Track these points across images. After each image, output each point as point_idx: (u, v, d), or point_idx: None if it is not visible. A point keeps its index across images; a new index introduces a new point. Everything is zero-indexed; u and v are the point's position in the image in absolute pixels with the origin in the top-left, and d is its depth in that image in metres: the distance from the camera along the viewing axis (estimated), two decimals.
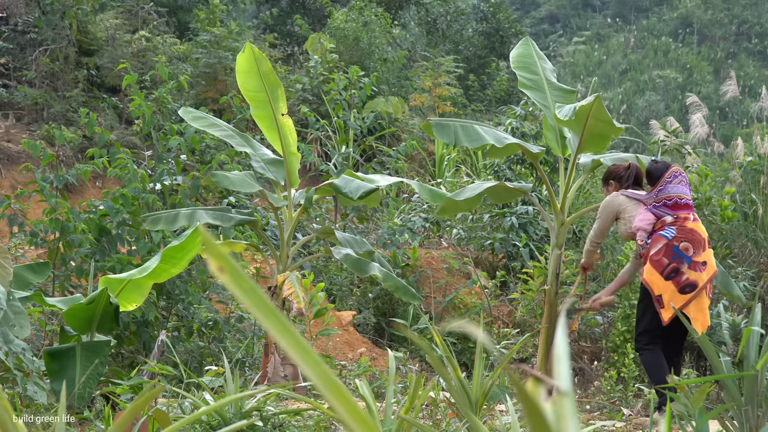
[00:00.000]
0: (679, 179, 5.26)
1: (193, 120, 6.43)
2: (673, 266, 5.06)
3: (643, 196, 5.35)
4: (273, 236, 9.00)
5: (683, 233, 5.11)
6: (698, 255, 5.09)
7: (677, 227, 5.13)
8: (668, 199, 5.21)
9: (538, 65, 6.16)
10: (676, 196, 5.21)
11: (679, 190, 5.23)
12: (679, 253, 5.07)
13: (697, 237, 5.13)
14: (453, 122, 5.60)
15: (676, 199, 5.20)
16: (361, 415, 0.85)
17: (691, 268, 5.05)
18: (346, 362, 6.71)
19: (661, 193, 5.24)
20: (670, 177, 5.24)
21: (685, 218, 5.16)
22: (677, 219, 5.16)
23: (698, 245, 5.11)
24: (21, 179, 12.68)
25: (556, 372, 0.89)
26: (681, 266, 5.05)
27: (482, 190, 5.78)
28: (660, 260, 5.09)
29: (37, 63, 14.65)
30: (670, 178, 5.24)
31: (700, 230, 5.17)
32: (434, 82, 18.12)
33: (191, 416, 1.87)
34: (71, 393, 4.23)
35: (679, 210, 5.19)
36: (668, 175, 5.25)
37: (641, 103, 41.14)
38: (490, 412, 3.88)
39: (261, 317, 0.85)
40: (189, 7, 20.12)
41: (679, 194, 5.22)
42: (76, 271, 6.83)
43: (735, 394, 3.36)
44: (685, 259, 5.07)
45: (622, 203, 5.41)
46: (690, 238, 5.10)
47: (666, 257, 5.08)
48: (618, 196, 5.45)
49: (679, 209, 5.19)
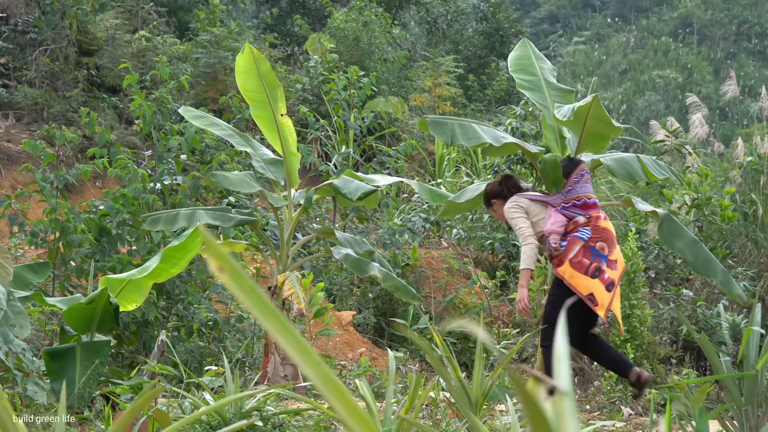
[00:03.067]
0: (585, 178, 5.26)
1: (194, 119, 6.43)
2: (594, 265, 5.07)
3: (549, 198, 5.30)
4: (273, 236, 9.00)
5: (598, 233, 5.12)
6: (612, 254, 5.12)
7: (591, 227, 5.14)
8: (577, 200, 5.20)
9: (536, 66, 6.15)
10: (584, 196, 5.21)
11: (586, 189, 5.24)
12: (597, 253, 5.09)
13: (610, 236, 5.16)
14: (450, 120, 5.58)
15: (585, 200, 5.20)
16: (361, 415, 0.85)
17: (609, 267, 5.09)
18: (346, 362, 6.71)
19: (570, 193, 5.22)
20: (577, 177, 5.23)
21: (597, 217, 5.17)
22: (590, 219, 5.16)
23: (611, 243, 5.14)
24: (21, 179, 12.68)
25: (556, 372, 0.89)
26: (601, 265, 5.07)
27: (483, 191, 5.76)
28: (581, 261, 5.08)
29: (37, 63, 14.65)
30: (577, 177, 5.23)
31: (611, 228, 5.21)
32: (434, 82, 18.12)
33: (191, 416, 1.87)
34: (71, 393, 4.23)
35: (590, 210, 5.19)
36: (575, 175, 5.23)
37: (641, 103, 41.12)
38: (490, 412, 3.88)
39: (261, 317, 0.85)
40: (189, 7, 20.11)
41: (587, 194, 5.22)
42: (76, 271, 6.83)
43: (735, 394, 3.36)
44: (603, 258, 5.09)
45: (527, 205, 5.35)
46: (604, 237, 5.13)
47: (585, 258, 5.08)
48: (519, 198, 5.35)
49: (590, 209, 5.19)
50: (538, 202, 5.32)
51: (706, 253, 5.58)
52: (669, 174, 5.95)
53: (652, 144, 12.05)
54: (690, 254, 5.51)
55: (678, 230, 5.60)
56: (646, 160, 5.82)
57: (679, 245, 5.55)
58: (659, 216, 5.63)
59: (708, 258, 5.54)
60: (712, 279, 5.63)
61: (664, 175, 5.86)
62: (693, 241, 5.57)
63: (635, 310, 7.25)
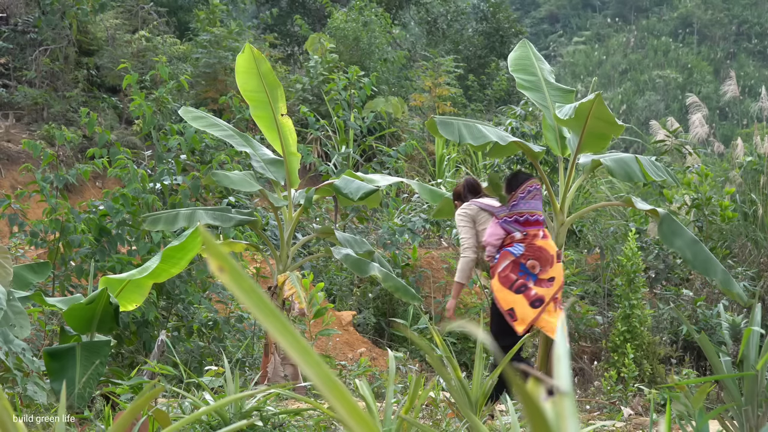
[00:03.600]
0: (533, 194, 5.34)
1: (194, 120, 6.42)
2: (520, 282, 5.15)
3: (495, 209, 5.41)
4: (273, 236, 9.00)
5: (531, 251, 5.20)
6: (544, 272, 5.18)
7: (526, 244, 5.22)
8: (520, 215, 5.29)
9: (536, 66, 6.16)
10: (527, 212, 5.29)
11: (531, 206, 5.31)
12: (525, 271, 5.17)
13: (545, 254, 5.21)
14: (456, 120, 5.62)
15: (528, 216, 5.29)
16: (361, 415, 0.85)
17: (538, 285, 5.14)
18: (346, 362, 6.71)
19: (514, 208, 5.31)
20: (524, 192, 5.33)
21: (534, 235, 5.24)
22: (526, 236, 5.24)
23: (545, 262, 5.19)
24: (21, 179, 12.68)
25: (556, 372, 0.89)
26: (527, 282, 5.14)
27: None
28: (507, 276, 5.17)
29: (37, 63, 14.65)
30: (524, 193, 5.33)
31: (549, 247, 5.25)
32: (434, 82, 18.12)
33: (191, 416, 1.87)
34: (71, 393, 4.23)
35: (530, 227, 5.27)
36: (522, 191, 5.33)
37: (641, 103, 41.12)
38: (490, 412, 3.88)
39: (261, 317, 0.85)
40: (189, 7, 20.11)
41: (531, 210, 5.30)
42: (76, 271, 6.82)
43: (735, 394, 3.36)
44: (531, 277, 5.16)
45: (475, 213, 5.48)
46: (537, 255, 5.20)
47: (513, 273, 5.17)
48: (471, 205, 5.51)
49: (530, 226, 5.27)
50: (486, 211, 5.45)
51: (705, 252, 5.57)
52: (666, 176, 5.96)
53: (652, 144, 12.05)
54: (690, 253, 5.51)
55: (678, 229, 5.60)
56: (644, 161, 5.81)
57: (678, 244, 5.55)
58: (659, 215, 5.63)
59: (708, 257, 5.54)
60: (712, 278, 5.63)
61: (661, 176, 5.87)
62: (693, 240, 5.57)
63: (635, 310, 7.25)
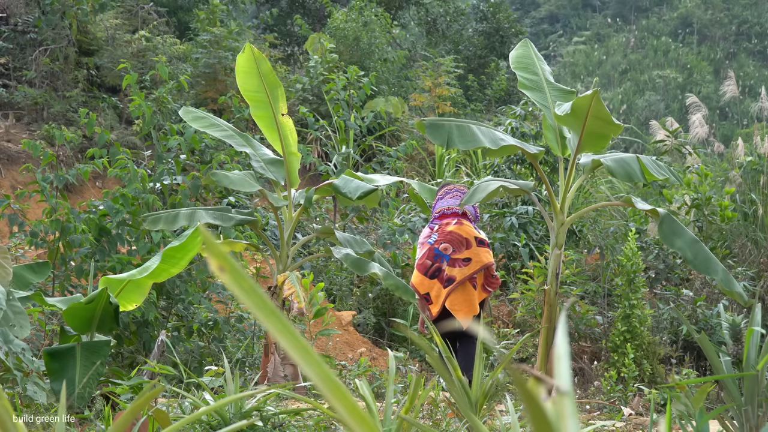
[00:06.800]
0: (451, 195, 5.98)
1: (194, 120, 6.41)
2: (435, 266, 5.73)
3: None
4: (273, 236, 9.00)
5: (443, 236, 5.79)
6: (459, 253, 5.73)
7: (438, 233, 5.83)
8: (437, 213, 5.98)
9: (538, 66, 6.15)
10: (444, 208, 5.94)
11: (447, 203, 5.96)
12: (439, 254, 5.75)
13: (456, 237, 5.77)
14: (448, 122, 5.48)
15: (444, 211, 5.94)
16: (361, 415, 0.85)
17: (450, 265, 5.69)
18: (346, 362, 6.71)
19: (434, 209, 6.01)
20: (442, 195, 6.02)
21: (447, 224, 5.84)
22: (440, 226, 5.86)
23: (458, 245, 5.74)
24: (21, 179, 12.68)
25: (556, 372, 0.89)
26: (442, 264, 5.71)
27: (487, 193, 5.61)
28: (424, 263, 5.77)
29: (37, 63, 14.65)
30: (442, 195, 6.02)
31: (462, 231, 5.80)
32: (434, 82, 18.12)
33: (191, 416, 1.87)
34: (71, 393, 4.23)
35: (444, 219, 5.90)
36: (441, 194, 6.03)
37: (641, 103, 41.11)
38: (490, 412, 3.87)
39: (261, 317, 0.85)
40: (189, 7, 20.11)
41: (447, 207, 5.94)
42: (76, 271, 6.82)
43: (735, 394, 3.36)
44: (444, 258, 5.73)
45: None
46: (449, 239, 5.77)
47: (429, 259, 5.76)
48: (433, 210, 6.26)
49: (444, 218, 5.91)
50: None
51: (706, 251, 5.56)
52: (668, 174, 5.94)
53: (652, 144, 12.05)
54: (690, 253, 5.50)
55: (678, 229, 5.59)
56: (645, 160, 5.80)
57: (678, 244, 5.54)
58: (659, 215, 5.63)
59: (708, 257, 5.53)
60: (713, 277, 5.62)
61: (663, 175, 5.85)
62: (693, 240, 5.56)
63: (635, 310, 7.25)
